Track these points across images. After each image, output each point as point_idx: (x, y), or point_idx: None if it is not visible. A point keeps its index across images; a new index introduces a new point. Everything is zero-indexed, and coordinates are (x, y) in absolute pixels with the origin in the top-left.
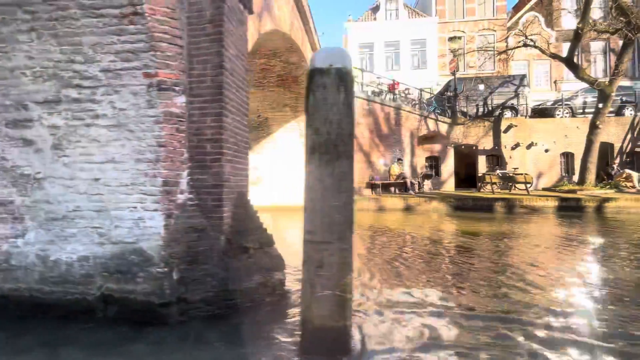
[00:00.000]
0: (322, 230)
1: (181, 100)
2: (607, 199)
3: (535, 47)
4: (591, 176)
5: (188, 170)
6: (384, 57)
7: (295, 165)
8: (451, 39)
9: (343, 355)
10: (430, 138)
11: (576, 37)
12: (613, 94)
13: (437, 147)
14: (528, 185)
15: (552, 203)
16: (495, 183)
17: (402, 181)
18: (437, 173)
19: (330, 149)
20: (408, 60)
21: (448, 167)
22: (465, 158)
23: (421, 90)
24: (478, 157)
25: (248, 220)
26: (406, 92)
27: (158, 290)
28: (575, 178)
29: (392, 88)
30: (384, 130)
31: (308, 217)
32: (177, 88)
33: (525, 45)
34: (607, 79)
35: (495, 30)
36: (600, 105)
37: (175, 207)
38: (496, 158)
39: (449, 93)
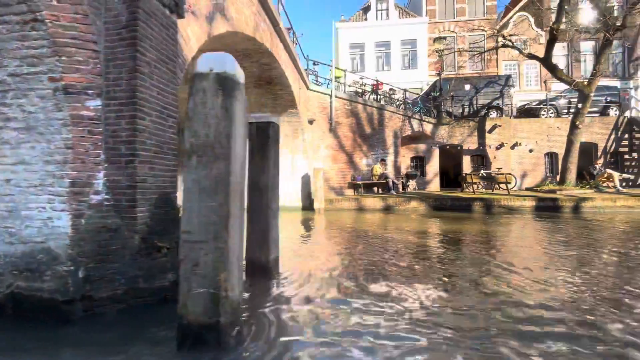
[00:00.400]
0: (198, 230)
1: (95, 103)
2: (583, 199)
3: (514, 47)
4: (571, 176)
5: (104, 171)
6: (374, 57)
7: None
8: (436, 39)
9: (216, 350)
10: (415, 138)
11: (552, 38)
12: (592, 94)
13: (422, 147)
14: (509, 185)
15: (530, 203)
16: (475, 183)
17: (384, 181)
18: (423, 173)
19: (207, 151)
20: (399, 60)
21: (433, 167)
22: (452, 158)
23: (405, 90)
24: (463, 157)
25: (169, 221)
26: (390, 92)
27: (62, 288)
28: (558, 178)
29: (375, 88)
30: (366, 130)
31: (185, 217)
32: (90, 91)
33: (504, 46)
34: (587, 80)
35: (485, 31)
36: (580, 106)
37: (87, 207)
38: (481, 158)
39: (434, 93)
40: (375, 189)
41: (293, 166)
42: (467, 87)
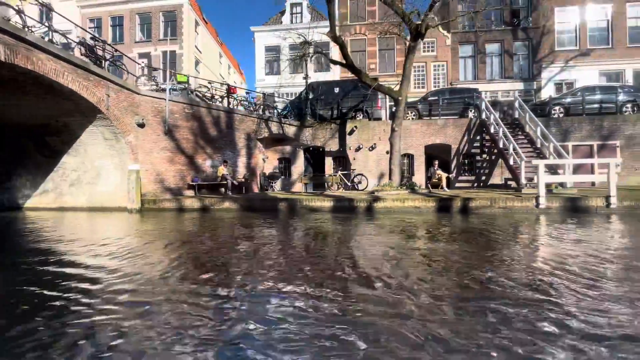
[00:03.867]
0: None
1: None
2: (376, 199)
3: (321, 53)
4: (395, 177)
5: None
6: (289, 60)
7: (104, 166)
8: (302, 43)
9: None
10: (281, 140)
11: (338, 43)
12: (401, 97)
13: (287, 149)
14: (360, 186)
15: (328, 204)
16: (307, 183)
17: (224, 182)
18: (289, 174)
19: None
20: (313, 62)
21: (298, 168)
22: (319, 159)
23: (264, 94)
24: (325, 158)
25: None
26: (248, 95)
27: None
28: (415, 178)
29: (232, 92)
30: (212, 132)
31: None
32: None
33: (318, 52)
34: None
35: (395, 33)
36: (394, 109)
37: None
38: (342, 159)
39: (311, 96)
40: (223, 189)
41: (117, 168)
42: (337, 90)
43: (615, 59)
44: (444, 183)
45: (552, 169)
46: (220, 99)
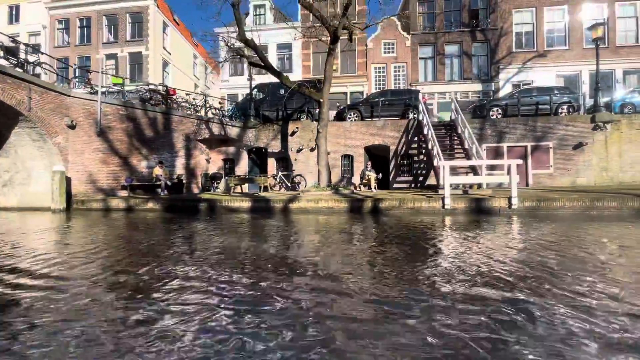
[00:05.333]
0: None
1: None
2: (292, 200)
3: (243, 56)
4: (323, 178)
5: None
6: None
7: (35, 167)
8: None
9: None
10: (226, 141)
11: (250, 46)
12: (322, 100)
13: (231, 149)
14: (300, 186)
15: (247, 204)
16: (237, 184)
17: (157, 183)
18: (234, 175)
19: None
20: (275, 64)
21: (242, 168)
22: (265, 160)
23: (206, 95)
24: (268, 159)
25: None
26: (188, 97)
27: None
28: (355, 179)
29: (171, 94)
30: (148, 134)
31: None
32: None
33: (239, 55)
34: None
35: (356, 34)
36: (317, 112)
37: None
38: (285, 160)
39: (256, 97)
40: (160, 190)
41: (47, 169)
42: (282, 91)
43: (571, 61)
44: (372, 184)
45: (475, 170)
46: (159, 101)
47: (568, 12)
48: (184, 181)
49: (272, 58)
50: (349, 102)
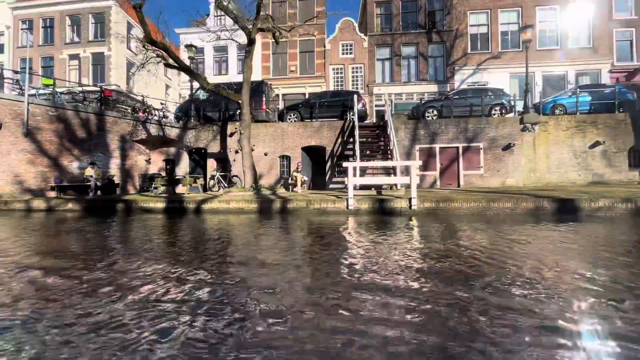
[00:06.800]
0: None
1: None
2: (207, 200)
3: (163, 57)
4: (247, 178)
5: None
6: (212, 62)
7: None
8: (187, 46)
9: None
10: (167, 142)
11: (159, 47)
12: (241, 101)
13: (172, 150)
14: (221, 186)
15: (161, 205)
16: (163, 185)
17: (88, 184)
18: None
19: None
20: (235, 65)
21: (183, 169)
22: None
23: (143, 96)
24: (207, 159)
25: None
26: (124, 98)
27: None
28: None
29: (106, 95)
30: (80, 135)
31: None
32: None
33: (162, 58)
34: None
35: (315, 35)
36: (239, 112)
37: None
38: (224, 161)
39: (203, 97)
40: (90, 191)
41: None
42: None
43: (524, 62)
44: (298, 185)
45: (394, 171)
46: (92, 100)
47: (521, 15)
48: (115, 182)
49: (233, 59)
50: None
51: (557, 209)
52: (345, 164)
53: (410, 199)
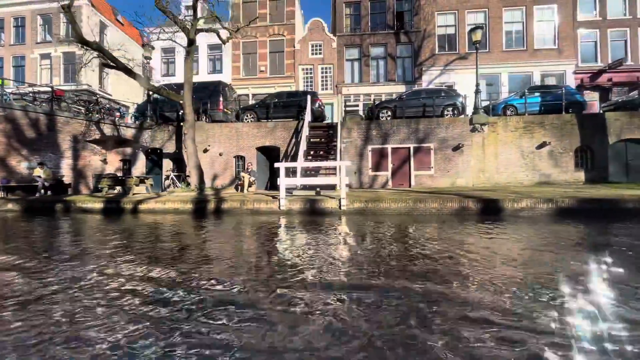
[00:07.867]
0: None
1: None
2: (145, 200)
3: (110, 56)
4: (193, 178)
5: None
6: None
7: None
8: (143, 46)
9: None
10: (124, 142)
11: (93, 48)
12: (183, 102)
13: (128, 150)
14: (176, 186)
15: (99, 205)
16: (108, 185)
17: (35, 184)
18: (129, 175)
19: None
20: (207, 64)
21: (139, 169)
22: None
23: (97, 97)
24: (163, 160)
25: None
26: (78, 98)
27: None
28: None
29: (57, 94)
30: (29, 135)
31: None
32: None
33: (102, 58)
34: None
35: (285, 35)
36: (181, 113)
37: None
38: (179, 161)
39: (158, 97)
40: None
41: None
42: (182, 93)
43: (492, 63)
44: (245, 185)
45: (335, 172)
46: (43, 101)
47: (488, 16)
48: (65, 182)
49: (203, 59)
50: None
51: (481, 209)
52: (277, 165)
53: (340, 199)
